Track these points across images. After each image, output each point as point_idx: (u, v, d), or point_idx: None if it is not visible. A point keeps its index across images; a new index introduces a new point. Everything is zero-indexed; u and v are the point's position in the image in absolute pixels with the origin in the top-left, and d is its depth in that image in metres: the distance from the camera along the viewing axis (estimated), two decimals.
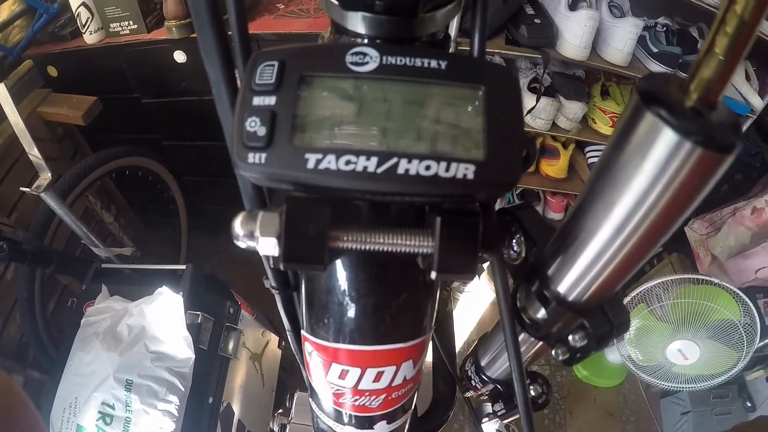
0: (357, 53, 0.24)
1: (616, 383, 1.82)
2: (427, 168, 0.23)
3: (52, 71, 1.51)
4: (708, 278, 1.38)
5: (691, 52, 1.41)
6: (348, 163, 0.23)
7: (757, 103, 1.43)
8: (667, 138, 0.19)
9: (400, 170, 0.23)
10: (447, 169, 0.23)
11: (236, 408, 1.20)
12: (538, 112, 1.47)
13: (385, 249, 0.26)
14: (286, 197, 0.25)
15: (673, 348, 1.45)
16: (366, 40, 0.27)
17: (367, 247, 0.26)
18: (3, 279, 1.36)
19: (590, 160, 1.68)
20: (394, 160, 0.23)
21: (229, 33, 0.26)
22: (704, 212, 1.66)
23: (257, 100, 0.23)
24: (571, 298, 0.28)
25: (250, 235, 0.25)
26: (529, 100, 1.47)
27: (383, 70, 0.24)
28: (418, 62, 0.24)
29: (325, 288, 0.33)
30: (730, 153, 0.19)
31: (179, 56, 1.42)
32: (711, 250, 1.64)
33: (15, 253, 1.16)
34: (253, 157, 0.23)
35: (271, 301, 0.40)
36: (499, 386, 0.49)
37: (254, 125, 0.23)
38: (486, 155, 0.23)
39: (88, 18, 1.41)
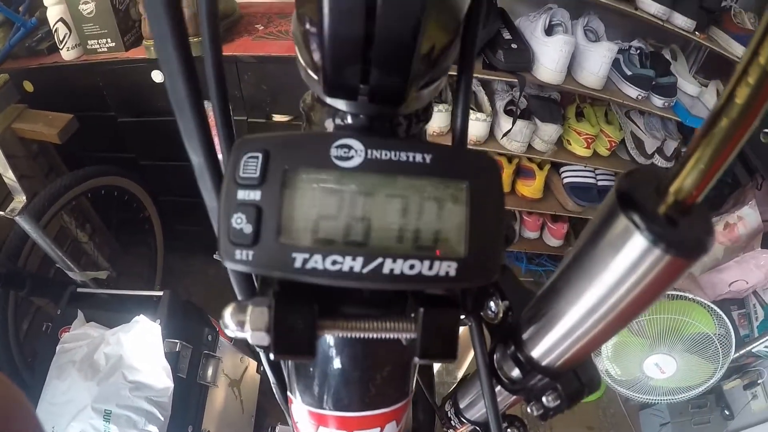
0: (342, 146, 0.24)
1: (595, 397, 1.85)
2: (411, 267, 0.23)
3: (28, 86, 1.48)
4: (682, 293, 1.41)
5: (664, 75, 1.45)
6: (334, 263, 0.23)
7: None
8: (636, 242, 0.20)
9: (385, 270, 0.23)
10: (430, 268, 0.24)
11: None
12: (514, 135, 1.49)
13: (371, 336, 0.27)
14: (274, 291, 0.26)
15: (650, 362, 1.48)
16: (349, 116, 0.27)
17: (354, 335, 0.27)
18: None
19: (565, 180, 1.71)
20: (379, 260, 0.23)
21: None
22: None
23: (242, 194, 0.23)
24: (544, 362, 0.30)
25: (240, 327, 0.26)
26: (505, 123, 1.49)
27: (368, 165, 0.24)
28: (402, 156, 0.24)
29: (313, 361, 0.34)
30: (697, 258, 0.20)
31: (157, 76, 1.40)
32: None
33: None
34: (240, 254, 0.23)
35: None
36: (477, 428, 0.50)
37: (240, 222, 0.23)
38: (467, 252, 0.24)
39: (66, 34, 1.39)
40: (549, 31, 1.38)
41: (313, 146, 0.24)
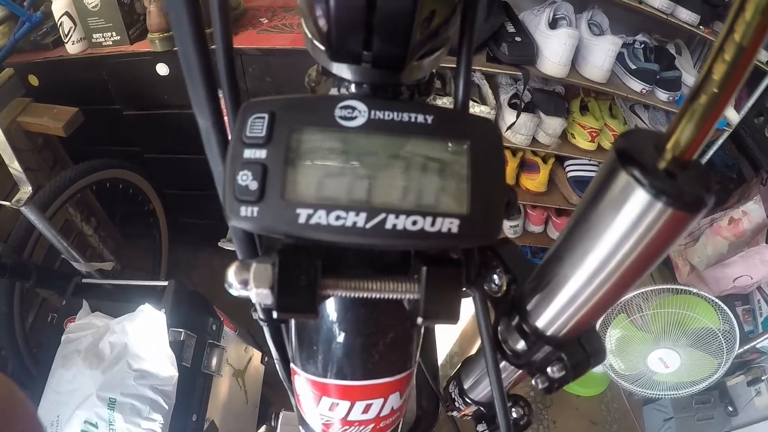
0: (346, 107, 0.25)
1: (598, 392, 1.85)
2: (414, 223, 0.24)
3: (33, 80, 1.49)
4: (687, 288, 1.41)
5: (668, 69, 1.44)
6: (338, 218, 0.23)
7: (733, 117, 1.47)
8: (639, 197, 0.20)
9: (388, 225, 0.24)
10: (432, 224, 0.24)
11: (220, 425, 1.19)
12: (518, 128, 1.49)
13: (374, 296, 0.27)
14: (278, 249, 0.26)
15: (654, 357, 1.48)
16: (353, 86, 0.28)
17: (357, 295, 0.27)
18: None
19: (569, 174, 1.71)
20: (382, 215, 0.24)
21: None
22: None
23: (248, 153, 0.24)
24: (548, 332, 0.30)
25: (244, 285, 0.26)
26: (509, 116, 1.49)
27: (371, 125, 0.25)
28: (405, 117, 0.25)
29: (315, 327, 0.34)
30: (699, 211, 0.20)
31: (162, 69, 1.41)
32: (689, 260, 1.68)
33: None
34: (245, 211, 0.23)
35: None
36: (482, 408, 0.50)
37: (246, 179, 0.23)
38: (469, 209, 0.24)
39: (71, 28, 1.39)
40: (553, 24, 1.38)
41: (319, 107, 0.25)
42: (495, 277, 0.34)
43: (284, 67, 1.39)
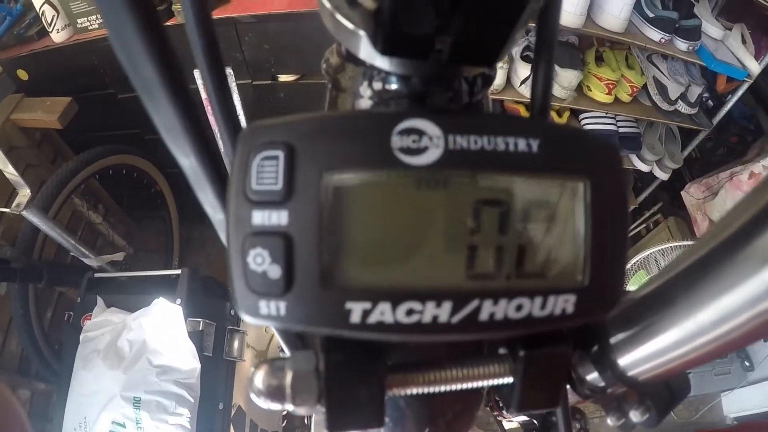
0: (408, 132, 0.16)
1: None
2: (518, 308, 0.17)
3: (23, 75, 1.44)
4: None
5: (688, 17, 1.35)
6: (410, 313, 0.16)
7: (754, 67, 1.38)
8: None
9: (483, 316, 0.17)
10: (543, 306, 0.18)
11: (247, 409, 1.20)
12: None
13: (454, 388, 0.21)
14: (323, 344, 0.19)
15: None
16: (394, 79, 0.20)
17: (434, 390, 0.21)
18: None
19: (585, 128, 1.64)
20: (475, 303, 0.17)
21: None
22: (701, 176, 1.64)
23: (259, 218, 0.16)
24: (632, 373, 0.25)
25: (279, 398, 0.19)
26: (522, 70, 1.41)
27: (451, 159, 0.16)
28: (500, 144, 0.17)
29: None
30: None
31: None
32: (708, 215, 1.63)
33: (4, 272, 1.12)
34: (267, 308, 0.16)
35: None
36: (534, 421, 0.47)
37: (261, 261, 0.16)
38: (589, 279, 0.18)
39: (54, 15, 1.32)
40: None
41: (363, 133, 0.16)
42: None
43: (283, 33, 1.31)
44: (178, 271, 1.17)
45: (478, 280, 0.17)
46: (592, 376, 0.26)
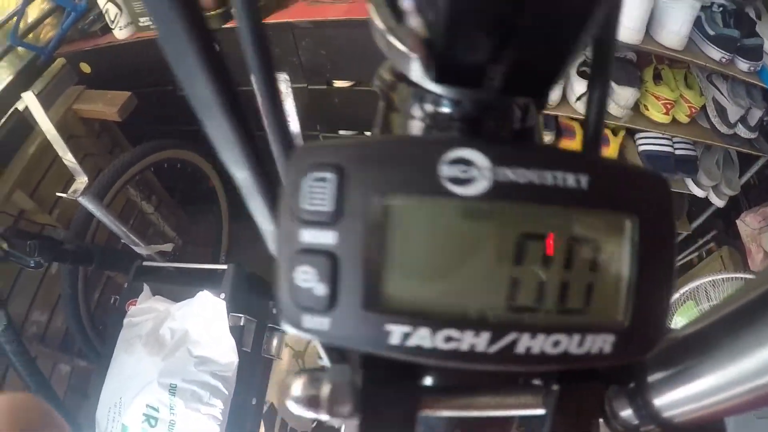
0: (457, 161, 0.17)
1: None
2: (555, 344, 0.17)
3: (85, 68, 1.51)
4: None
5: (749, 35, 1.30)
6: (448, 339, 0.17)
7: None
8: None
9: (519, 349, 0.17)
10: (580, 344, 0.17)
11: (279, 407, 1.20)
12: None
13: (486, 415, 0.21)
14: (362, 365, 0.20)
15: None
16: (446, 105, 0.20)
17: (465, 415, 0.21)
18: (48, 272, 1.39)
19: (641, 148, 1.59)
20: (513, 336, 0.17)
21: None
22: (758, 205, 1.56)
23: (308, 236, 0.17)
24: (667, 414, 0.23)
25: (314, 407, 0.20)
26: (578, 86, 1.38)
27: (498, 191, 0.16)
28: (548, 178, 0.17)
29: None
30: None
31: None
32: (764, 246, 1.55)
33: (57, 253, 1.16)
34: (310, 322, 0.17)
35: None
36: None
37: (308, 279, 0.17)
38: (630, 320, 0.17)
39: (117, 13, 1.39)
40: None
41: (412, 160, 0.17)
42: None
43: (339, 39, 1.33)
44: (225, 266, 1.19)
45: (518, 312, 0.17)
46: (626, 413, 0.25)
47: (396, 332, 0.17)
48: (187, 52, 0.16)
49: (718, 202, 1.56)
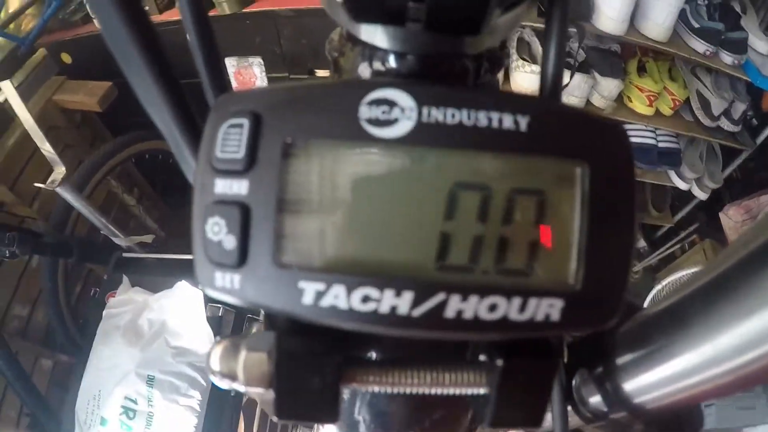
0: (378, 102, 0.15)
1: None
2: (492, 308, 0.15)
3: (66, 58, 1.49)
4: None
5: (734, 29, 1.30)
6: (366, 300, 0.15)
7: None
8: None
9: (449, 313, 0.15)
10: (522, 309, 0.15)
11: (260, 399, 1.20)
12: (571, 90, 1.38)
13: (420, 392, 0.19)
14: (277, 330, 0.18)
15: None
16: (392, 57, 0.18)
17: (397, 391, 0.19)
18: (28, 267, 1.37)
19: None
20: (441, 297, 0.15)
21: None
22: (741, 198, 1.57)
23: (221, 186, 0.16)
24: (639, 400, 0.22)
25: (231, 379, 0.19)
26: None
27: (423, 134, 0.15)
28: (481, 119, 0.15)
29: None
30: None
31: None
32: None
33: (36, 246, 1.15)
34: (222, 279, 0.16)
35: None
36: None
37: (218, 230, 0.15)
38: (582, 283, 0.15)
39: None
40: None
41: (331, 104, 0.15)
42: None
43: (321, 28, 1.32)
44: None
45: (449, 272, 0.16)
46: (595, 399, 0.24)
47: (309, 290, 0.15)
48: None
49: (701, 195, 1.57)
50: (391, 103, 0.15)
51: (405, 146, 0.15)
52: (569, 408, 0.26)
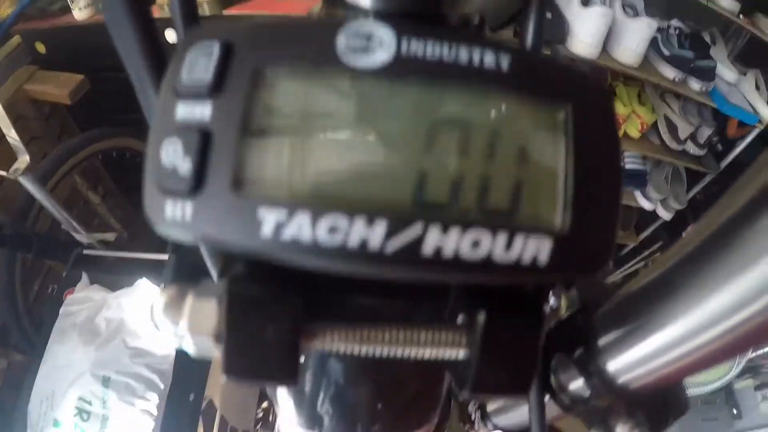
0: (357, 35, 0.15)
1: None
2: (474, 245, 0.14)
3: (40, 48, 1.45)
4: None
5: (703, 57, 1.36)
6: (332, 231, 0.14)
7: (766, 113, 1.39)
8: None
9: (426, 250, 0.14)
10: (507, 248, 0.14)
11: (219, 404, 1.17)
12: None
13: (390, 354, 0.18)
14: (228, 278, 0.17)
15: None
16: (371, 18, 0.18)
17: (364, 351, 0.17)
18: None
19: None
20: (417, 230, 0.14)
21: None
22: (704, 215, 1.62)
23: (183, 111, 0.15)
24: (623, 380, 0.22)
25: (177, 329, 0.17)
26: None
27: (402, 66, 0.14)
28: (463, 56, 0.15)
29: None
30: None
31: (170, 35, 1.35)
32: None
33: None
34: (173, 209, 0.14)
35: None
36: None
37: (174, 153, 0.14)
38: (570, 223, 0.15)
39: None
40: (586, 2, 1.29)
41: (307, 34, 0.15)
42: (551, 294, 0.24)
43: None
44: (166, 256, 1.16)
45: (428, 209, 0.14)
46: (576, 385, 0.23)
47: (269, 220, 0.14)
48: None
49: (666, 215, 1.61)
50: (369, 35, 0.15)
51: (382, 78, 0.14)
52: (547, 397, 0.25)
